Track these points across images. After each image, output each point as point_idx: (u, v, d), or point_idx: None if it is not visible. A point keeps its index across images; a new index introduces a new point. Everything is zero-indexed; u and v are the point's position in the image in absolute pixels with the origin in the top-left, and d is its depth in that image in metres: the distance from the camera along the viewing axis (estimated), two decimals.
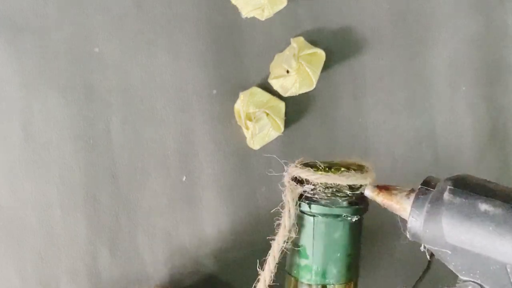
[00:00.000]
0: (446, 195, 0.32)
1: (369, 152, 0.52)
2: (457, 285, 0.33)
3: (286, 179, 0.37)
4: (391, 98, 0.52)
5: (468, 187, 0.32)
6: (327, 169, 0.35)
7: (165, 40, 0.50)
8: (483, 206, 0.31)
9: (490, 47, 0.53)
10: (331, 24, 0.51)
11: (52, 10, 0.49)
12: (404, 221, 0.35)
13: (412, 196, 0.34)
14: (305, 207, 0.35)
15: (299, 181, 0.36)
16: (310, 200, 0.35)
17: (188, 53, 0.50)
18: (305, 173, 0.35)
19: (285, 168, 0.37)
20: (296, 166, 0.36)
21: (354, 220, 0.35)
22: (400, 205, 0.34)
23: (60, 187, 0.50)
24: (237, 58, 0.51)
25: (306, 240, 0.35)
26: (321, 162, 0.36)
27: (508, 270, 0.31)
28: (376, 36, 0.52)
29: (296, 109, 0.51)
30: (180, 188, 0.51)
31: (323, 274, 0.35)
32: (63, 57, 0.50)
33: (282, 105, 0.50)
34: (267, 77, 0.51)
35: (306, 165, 0.37)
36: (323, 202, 0.34)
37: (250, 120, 0.49)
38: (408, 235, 0.34)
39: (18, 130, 0.50)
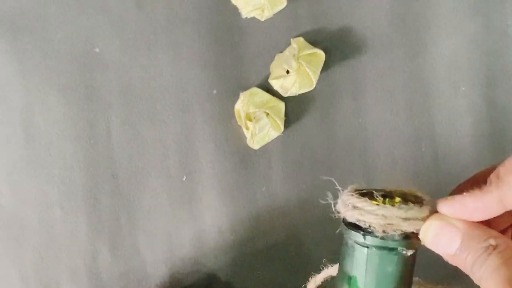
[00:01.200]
0: None
1: (369, 152, 0.52)
2: None
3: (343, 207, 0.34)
4: (391, 98, 0.52)
5: None
6: (384, 199, 0.34)
7: (165, 40, 0.50)
8: None
9: (490, 47, 0.53)
10: (331, 24, 0.51)
11: (52, 10, 0.49)
12: None
13: None
14: (359, 237, 0.34)
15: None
16: (366, 231, 0.34)
17: (188, 53, 0.50)
18: (361, 203, 0.33)
19: (341, 193, 0.34)
20: (353, 195, 0.34)
21: (409, 254, 0.34)
22: None
23: (60, 187, 0.50)
24: (237, 58, 0.51)
25: (358, 271, 0.34)
26: (376, 190, 0.34)
27: None
28: (376, 36, 0.52)
29: (296, 109, 0.51)
30: (180, 188, 0.51)
31: None
32: (63, 57, 0.50)
33: (282, 105, 0.50)
34: (267, 77, 0.51)
35: (362, 194, 0.35)
36: (379, 234, 0.33)
37: (250, 120, 0.49)
38: None
39: (19, 130, 0.50)
